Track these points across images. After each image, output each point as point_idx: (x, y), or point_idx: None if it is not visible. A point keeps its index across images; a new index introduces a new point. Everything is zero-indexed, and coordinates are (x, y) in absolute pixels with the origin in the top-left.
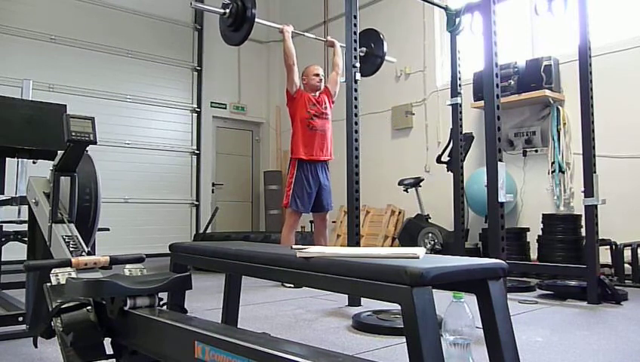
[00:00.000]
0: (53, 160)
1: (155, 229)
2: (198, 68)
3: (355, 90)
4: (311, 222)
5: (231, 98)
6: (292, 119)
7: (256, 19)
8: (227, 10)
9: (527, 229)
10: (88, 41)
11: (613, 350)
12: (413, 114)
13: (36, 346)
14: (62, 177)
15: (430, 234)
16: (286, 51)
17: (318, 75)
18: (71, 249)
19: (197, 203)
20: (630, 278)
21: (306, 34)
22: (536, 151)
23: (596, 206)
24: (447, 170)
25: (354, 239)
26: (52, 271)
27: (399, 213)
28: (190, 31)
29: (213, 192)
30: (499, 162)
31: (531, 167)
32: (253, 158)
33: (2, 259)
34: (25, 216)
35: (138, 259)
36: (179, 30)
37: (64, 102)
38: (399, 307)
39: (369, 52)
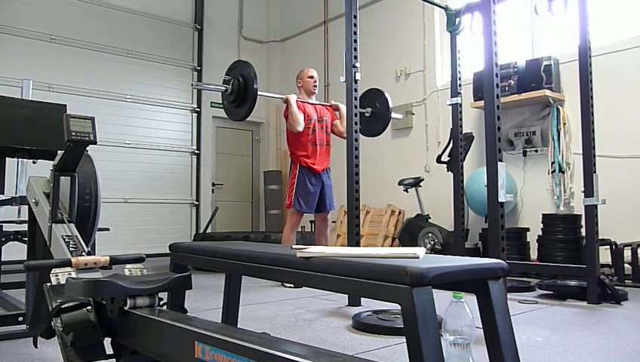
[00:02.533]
0: (53, 160)
1: (155, 229)
2: (198, 68)
3: (355, 90)
4: (311, 222)
5: None
6: (290, 133)
7: (259, 93)
8: (228, 87)
9: (527, 229)
10: (88, 41)
11: (613, 350)
12: (413, 114)
13: (36, 346)
14: (62, 177)
15: (430, 234)
16: (295, 119)
17: (312, 77)
18: (71, 249)
19: (197, 203)
20: (630, 278)
21: (309, 100)
22: (536, 151)
23: (596, 206)
24: (447, 170)
25: (354, 239)
26: (52, 271)
27: (399, 213)
28: (190, 31)
29: (213, 192)
30: (499, 162)
31: (531, 167)
32: (253, 158)
33: (2, 259)
34: (25, 216)
35: (138, 259)
36: (179, 30)
37: (64, 102)
38: (399, 307)
39: (375, 112)
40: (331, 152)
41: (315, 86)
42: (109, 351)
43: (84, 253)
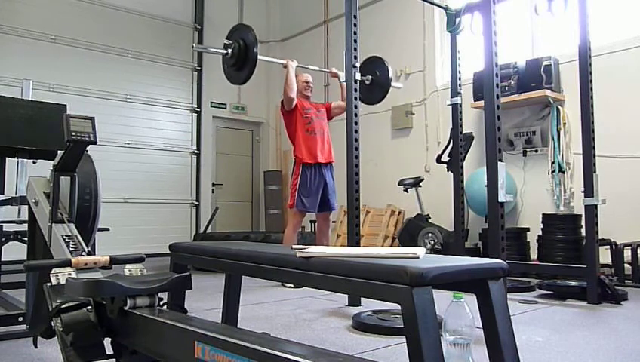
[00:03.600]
0: (53, 160)
1: (155, 229)
2: (198, 68)
3: (355, 90)
4: (311, 222)
5: (231, 98)
6: (290, 128)
7: (259, 57)
8: (229, 50)
9: (527, 229)
10: (88, 41)
11: (613, 350)
12: (413, 114)
13: (36, 346)
14: (62, 177)
15: (430, 234)
16: (289, 84)
17: (307, 82)
18: (71, 249)
19: (197, 203)
20: (630, 278)
21: (310, 66)
22: (536, 151)
23: (596, 206)
24: (447, 170)
25: (354, 239)
26: (52, 271)
27: (399, 213)
28: (190, 31)
29: (213, 192)
30: (499, 162)
31: (531, 167)
32: (253, 158)
33: (2, 259)
34: (25, 216)
35: (138, 259)
36: (179, 30)
37: (64, 102)
38: (399, 307)
39: (375, 80)
40: (332, 146)
41: (308, 89)
42: (109, 351)
43: (84, 253)
